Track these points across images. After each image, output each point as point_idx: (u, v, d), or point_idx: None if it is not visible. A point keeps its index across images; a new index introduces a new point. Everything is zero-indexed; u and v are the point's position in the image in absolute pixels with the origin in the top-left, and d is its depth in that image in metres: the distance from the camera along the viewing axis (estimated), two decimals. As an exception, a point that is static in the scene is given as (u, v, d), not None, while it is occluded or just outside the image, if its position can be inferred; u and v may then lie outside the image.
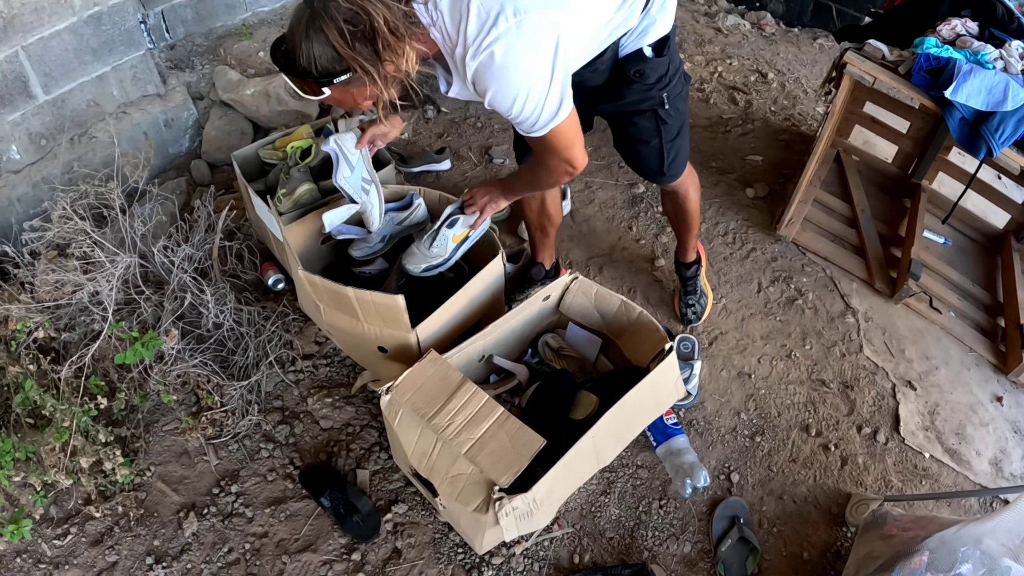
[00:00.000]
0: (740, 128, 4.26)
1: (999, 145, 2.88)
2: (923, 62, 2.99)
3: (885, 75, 3.07)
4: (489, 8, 1.78)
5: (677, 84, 2.33)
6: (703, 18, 5.71)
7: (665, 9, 2.18)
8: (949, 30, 3.18)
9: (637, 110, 2.35)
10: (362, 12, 1.72)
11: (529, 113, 1.91)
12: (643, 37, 2.18)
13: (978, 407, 3.14)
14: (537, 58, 1.85)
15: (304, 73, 1.83)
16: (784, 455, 2.79)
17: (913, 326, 3.37)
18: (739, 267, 3.42)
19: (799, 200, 3.56)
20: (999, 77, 2.90)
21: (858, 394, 3.01)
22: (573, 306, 2.73)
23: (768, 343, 3.14)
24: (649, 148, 2.46)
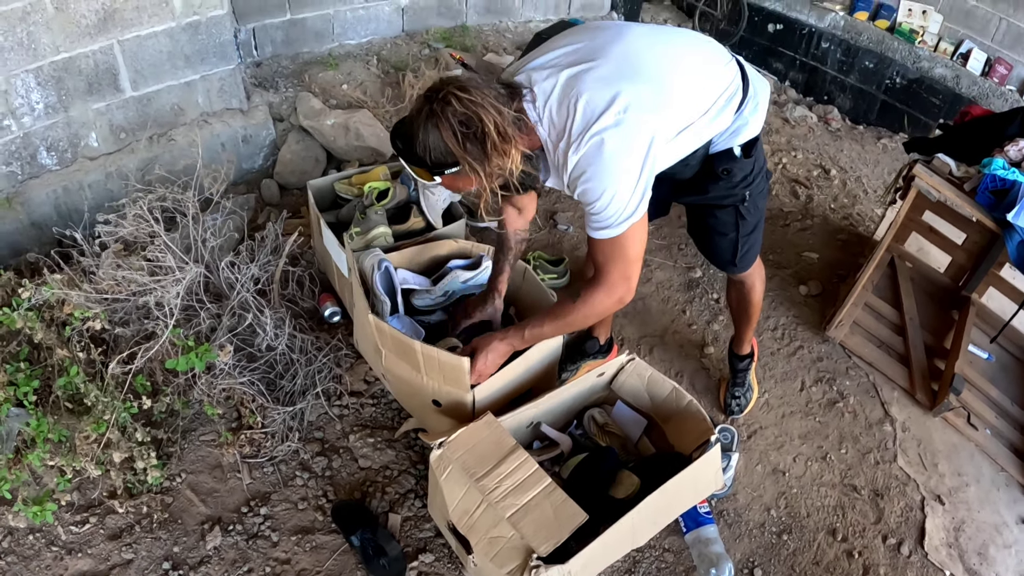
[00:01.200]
0: (799, 223, 4.34)
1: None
2: (989, 183, 3.07)
3: (951, 191, 3.15)
4: (595, 106, 1.97)
5: (760, 183, 2.43)
6: (772, 107, 5.80)
7: (757, 111, 2.28)
8: (1017, 151, 3.24)
9: (719, 204, 2.45)
10: (475, 116, 1.92)
11: (613, 207, 2.04)
12: (734, 137, 2.29)
13: (1003, 528, 3.17)
14: (632, 156, 2.00)
15: (419, 161, 2.02)
16: (808, 556, 2.83)
17: (949, 440, 3.42)
18: (785, 364, 3.49)
19: (851, 303, 3.63)
20: None
21: (887, 503, 3.06)
22: (625, 386, 2.82)
23: (805, 443, 3.19)
24: (725, 240, 2.56)
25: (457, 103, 1.91)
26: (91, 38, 3.09)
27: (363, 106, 4.18)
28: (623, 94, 1.97)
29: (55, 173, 3.30)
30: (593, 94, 1.98)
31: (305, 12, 4.32)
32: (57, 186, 3.30)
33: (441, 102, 1.92)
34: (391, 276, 2.87)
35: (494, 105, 1.93)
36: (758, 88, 2.29)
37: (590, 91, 1.98)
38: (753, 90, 2.27)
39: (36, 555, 2.41)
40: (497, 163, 1.99)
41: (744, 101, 2.23)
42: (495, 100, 1.95)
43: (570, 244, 3.86)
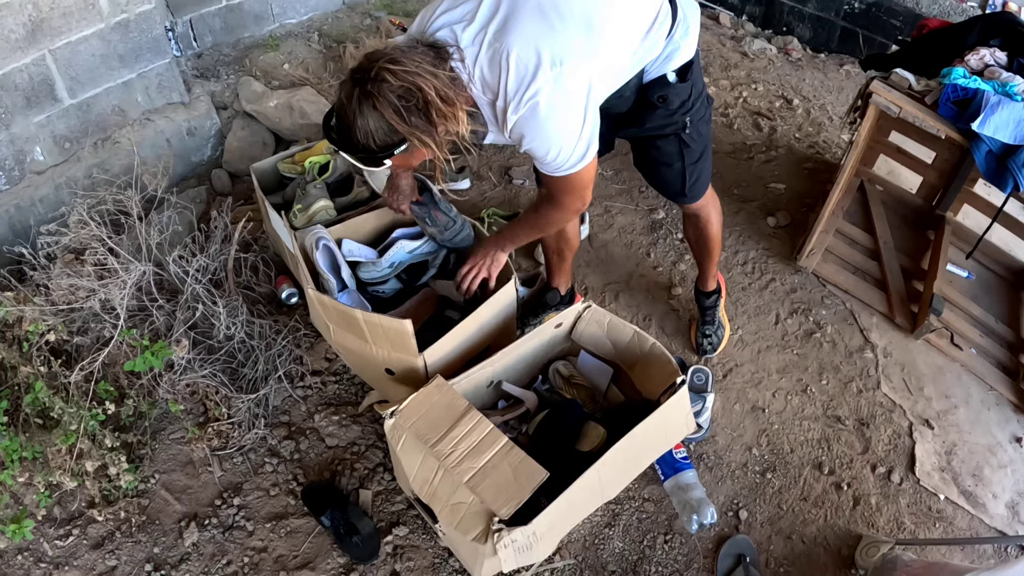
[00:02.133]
0: (764, 155, 4.21)
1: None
2: (950, 93, 2.92)
3: (911, 105, 3.02)
4: (527, 61, 1.86)
5: (700, 108, 2.32)
6: (729, 42, 5.68)
7: (688, 35, 2.17)
8: (977, 60, 3.11)
9: (660, 134, 2.35)
10: (414, 87, 1.81)
11: (561, 158, 2.00)
12: (667, 63, 2.18)
13: (997, 448, 3.07)
14: (572, 108, 1.94)
15: (363, 148, 1.92)
16: (795, 493, 2.73)
17: (933, 363, 3.31)
18: (757, 298, 3.36)
19: (821, 231, 3.51)
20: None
21: (874, 432, 2.95)
22: (585, 335, 2.70)
23: (784, 377, 3.08)
24: (671, 170, 2.45)
25: (392, 77, 1.79)
26: (22, 51, 2.98)
27: (306, 83, 4.07)
28: (554, 47, 1.87)
29: (5, 192, 3.21)
30: (522, 49, 1.86)
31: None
32: (9, 205, 3.20)
33: (375, 81, 1.80)
34: (333, 252, 2.76)
35: (429, 70, 1.82)
36: (687, 11, 2.18)
37: (519, 46, 1.86)
38: (683, 13, 2.15)
39: (27, 574, 2.41)
40: (445, 128, 1.90)
41: (674, 25, 2.13)
42: (428, 64, 1.84)
43: (527, 198, 3.72)
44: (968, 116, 2.84)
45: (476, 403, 2.49)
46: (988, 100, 2.84)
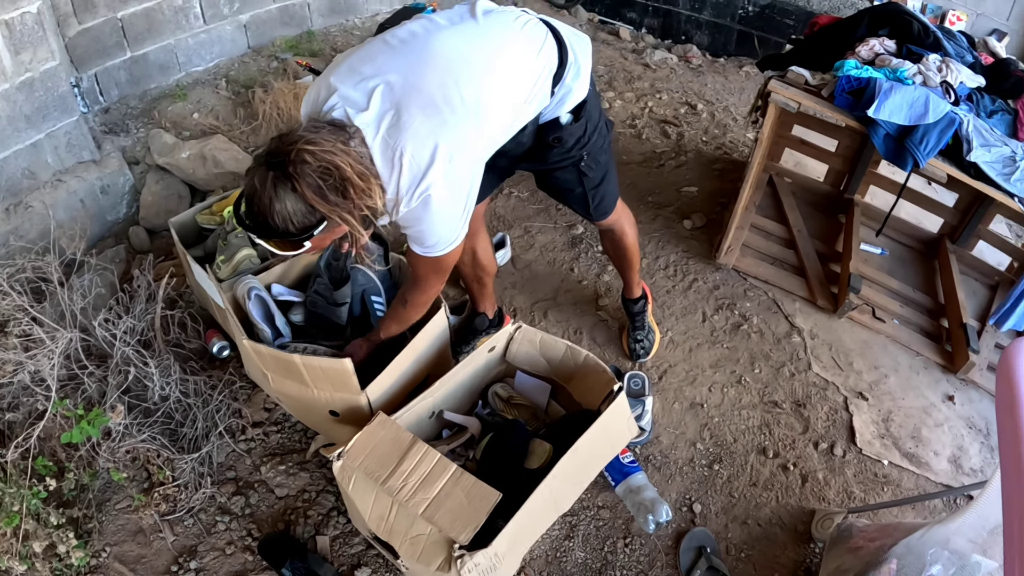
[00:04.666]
0: (674, 161, 4.33)
1: (924, 157, 2.95)
2: (844, 84, 3.07)
3: (809, 100, 3.14)
4: (420, 160, 1.91)
5: (597, 139, 2.37)
6: (631, 55, 5.83)
7: (580, 75, 2.22)
8: (868, 50, 3.27)
9: (558, 167, 2.41)
10: (331, 165, 1.81)
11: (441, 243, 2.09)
12: (560, 107, 2.23)
13: (931, 409, 3.19)
14: (459, 198, 2.01)
15: (281, 233, 1.90)
16: (744, 480, 2.81)
17: (859, 338, 3.43)
18: (682, 299, 3.46)
19: (736, 227, 3.62)
20: (919, 91, 2.99)
21: (811, 411, 3.05)
22: (519, 355, 2.75)
23: (718, 371, 3.18)
24: (573, 195, 2.53)
25: (311, 158, 1.78)
26: (-74, 121, 2.89)
27: (217, 131, 4.06)
28: (447, 141, 1.92)
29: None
30: (416, 148, 1.90)
31: (145, 47, 4.14)
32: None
33: (295, 163, 1.78)
34: (266, 301, 2.78)
35: (342, 148, 1.83)
36: (578, 52, 2.22)
37: (412, 145, 1.90)
38: (573, 56, 2.19)
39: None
40: (363, 203, 1.90)
41: (564, 71, 2.18)
42: (340, 143, 1.85)
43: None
44: (863, 104, 2.98)
45: (420, 435, 2.51)
46: (881, 87, 2.99)
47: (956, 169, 3.01)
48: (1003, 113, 3.24)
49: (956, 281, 3.82)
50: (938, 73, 3.13)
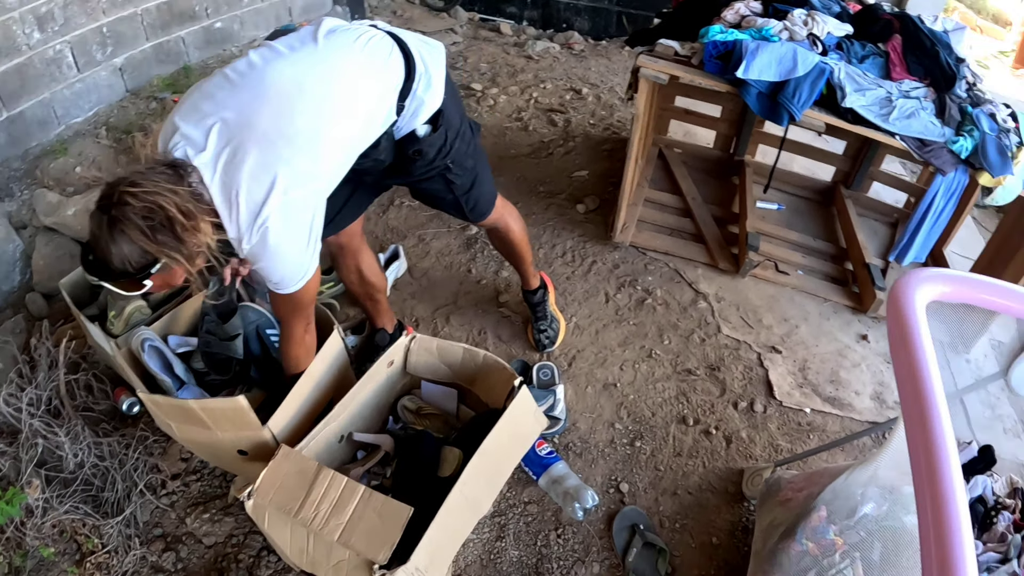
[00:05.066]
0: (562, 148, 4.31)
1: (799, 109, 2.96)
2: (712, 50, 3.08)
3: (679, 70, 3.14)
4: (256, 196, 1.88)
5: (460, 146, 2.33)
6: (513, 49, 5.83)
7: (432, 86, 2.18)
8: (733, 14, 3.30)
9: (427, 177, 2.38)
10: (155, 205, 1.79)
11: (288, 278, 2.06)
12: (414, 120, 2.19)
13: (846, 351, 3.21)
14: (298, 235, 1.99)
15: (122, 275, 1.89)
16: (668, 452, 2.79)
17: (765, 294, 3.44)
18: (583, 283, 3.43)
19: (628, 204, 3.62)
20: (786, 47, 3.01)
21: (726, 373, 3.05)
22: (420, 365, 2.71)
23: (627, 349, 3.15)
24: (446, 202, 2.50)
25: (133, 199, 1.77)
26: None
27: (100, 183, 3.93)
28: (280, 177, 1.89)
29: None
30: (252, 184, 1.88)
31: (21, 104, 3.98)
32: None
33: (118, 206, 1.78)
34: (162, 351, 2.72)
35: (168, 188, 1.81)
36: (428, 62, 2.18)
37: (248, 181, 1.88)
38: (422, 67, 2.15)
39: None
40: (192, 242, 1.87)
41: (412, 84, 2.14)
42: (166, 182, 1.82)
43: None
44: (732, 67, 2.99)
45: (334, 460, 2.48)
46: (747, 48, 3.00)
47: (833, 117, 3.03)
48: (875, 57, 3.28)
49: (855, 224, 3.86)
50: (804, 27, 3.17)
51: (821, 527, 2.12)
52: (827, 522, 2.12)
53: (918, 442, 1.25)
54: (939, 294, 1.49)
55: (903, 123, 3.03)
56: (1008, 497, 2.24)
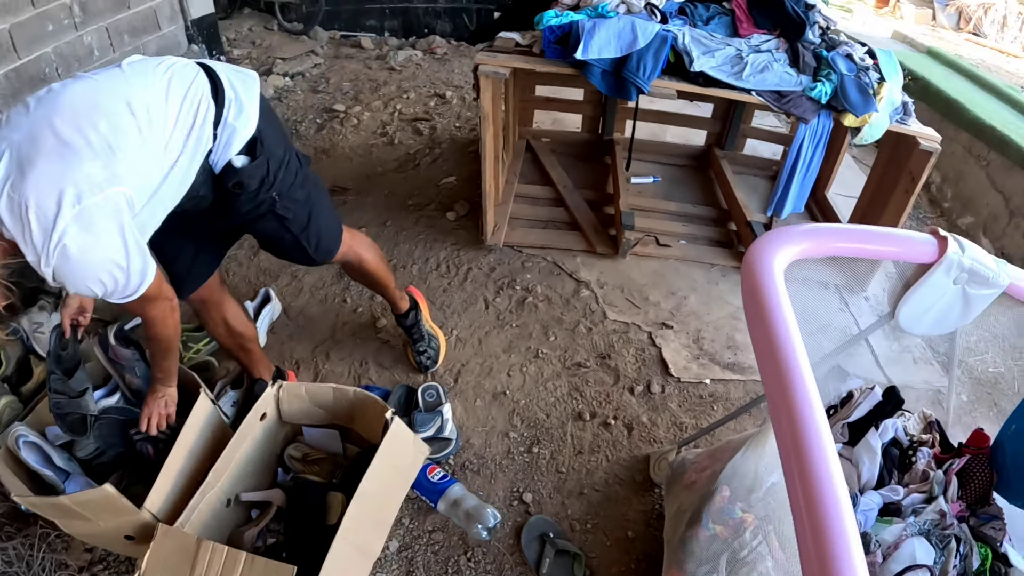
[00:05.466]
0: (429, 156, 4.21)
1: (646, 82, 2.90)
2: (548, 35, 3.00)
3: (519, 61, 3.05)
4: (46, 210, 1.71)
5: (286, 176, 2.20)
6: (375, 62, 5.72)
7: (244, 112, 2.06)
8: (569, -6, 3.23)
9: (255, 216, 2.25)
10: None
11: (119, 290, 1.87)
12: (228, 150, 2.06)
13: (740, 313, 3.16)
14: (107, 241, 1.80)
15: None
16: (568, 452, 2.70)
17: (649, 270, 3.38)
18: (461, 292, 3.31)
19: (495, 206, 3.52)
20: (624, 21, 2.95)
21: (618, 359, 2.97)
22: (295, 412, 2.58)
23: (512, 353, 3.05)
24: (285, 243, 2.35)
25: None
26: None
27: None
28: (69, 185, 1.73)
29: None
30: (40, 197, 1.71)
31: None
32: None
33: None
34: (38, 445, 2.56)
35: None
36: (239, 89, 2.05)
37: (35, 195, 1.71)
38: (232, 94, 2.02)
39: None
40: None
41: (223, 112, 2.03)
42: None
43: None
44: (572, 49, 2.91)
45: (226, 526, 2.35)
46: (583, 27, 2.92)
47: (684, 83, 2.98)
48: (720, 16, 3.25)
49: (733, 184, 3.83)
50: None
51: (726, 507, 2.03)
52: (731, 501, 2.03)
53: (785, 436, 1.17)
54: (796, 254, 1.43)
55: (757, 78, 3.00)
56: (924, 432, 2.20)
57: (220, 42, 5.58)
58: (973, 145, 4.51)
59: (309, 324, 3.21)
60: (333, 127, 4.64)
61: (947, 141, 4.69)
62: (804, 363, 1.21)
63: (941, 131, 4.70)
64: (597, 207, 3.72)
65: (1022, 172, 4.06)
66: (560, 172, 3.90)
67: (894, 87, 3.09)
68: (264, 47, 6.06)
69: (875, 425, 2.13)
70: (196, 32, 5.25)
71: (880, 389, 2.21)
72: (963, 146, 4.60)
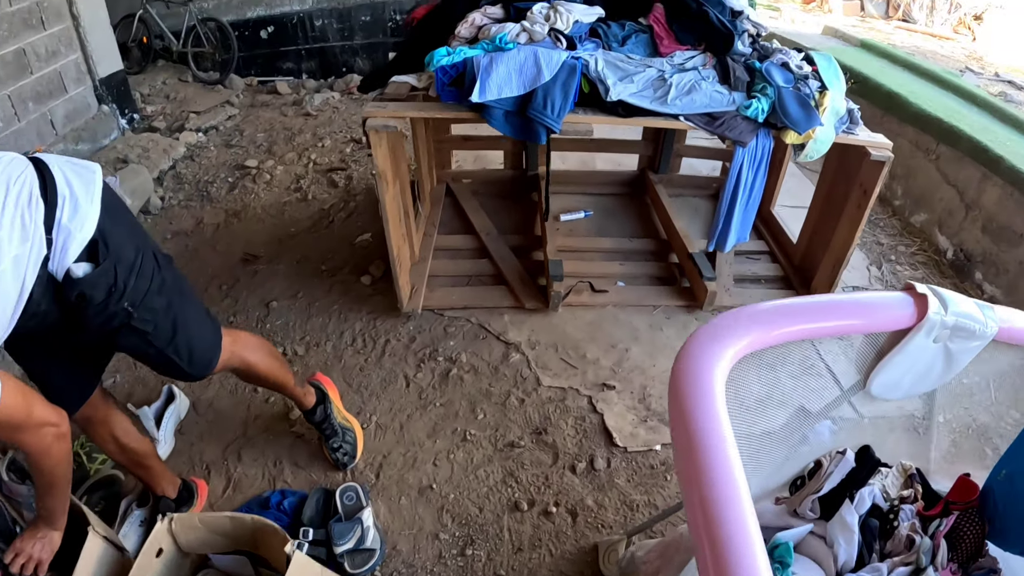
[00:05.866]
0: (343, 211, 3.90)
1: (557, 120, 2.59)
2: (442, 76, 2.66)
3: (412, 110, 2.72)
4: None
5: (139, 283, 1.88)
6: (291, 109, 5.44)
7: (78, 212, 1.75)
8: (468, 28, 2.91)
9: (111, 329, 1.92)
10: None
11: None
12: (65, 255, 1.76)
13: (690, 362, 2.88)
14: None
15: None
16: (506, 551, 2.38)
17: (585, 322, 3.09)
18: (379, 370, 2.97)
19: (412, 265, 3.23)
20: (524, 52, 2.63)
21: (555, 433, 2.67)
22: (194, 542, 2.26)
23: (438, 438, 2.71)
24: (151, 357, 2.01)
25: None
26: None
27: None
28: None
29: None
30: None
31: None
32: None
33: None
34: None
35: None
36: (75, 184, 1.76)
37: None
38: (66, 190, 1.73)
39: None
40: None
41: (55, 212, 1.72)
42: None
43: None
44: (468, 90, 2.60)
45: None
46: (479, 65, 2.61)
47: (602, 115, 2.69)
48: (637, 34, 2.93)
49: (671, 211, 3.56)
50: (546, 22, 2.80)
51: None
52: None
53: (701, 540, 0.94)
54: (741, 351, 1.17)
55: (684, 100, 2.70)
56: (904, 487, 1.93)
57: (132, 100, 5.28)
58: (920, 139, 4.27)
59: (219, 420, 2.86)
60: (245, 185, 4.31)
61: (892, 136, 4.43)
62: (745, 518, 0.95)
63: (885, 127, 4.50)
64: (525, 253, 3.42)
65: (974, 163, 3.82)
66: (483, 218, 3.60)
67: (837, 95, 2.81)
68: (178, 101, 5.74)
69: (849, 496, 1.87)
70: (106, 92, 4.98)
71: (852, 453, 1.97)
72: (910, 141, 4.36)
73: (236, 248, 3.67)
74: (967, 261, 3.84)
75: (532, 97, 2.61)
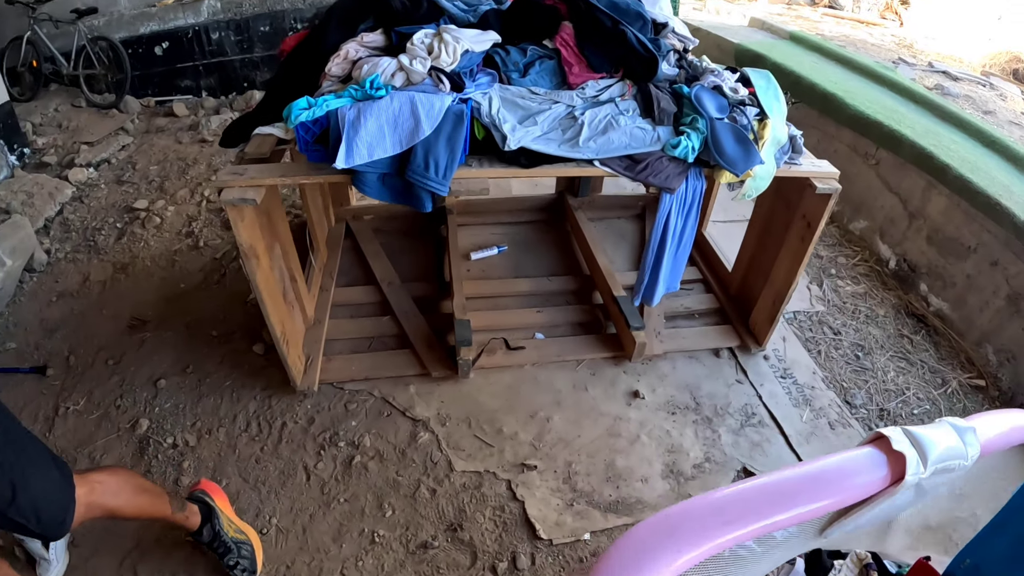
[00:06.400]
0: (235, 261, 3.52)
1: (443, 183, 2.20)
2: (303, 134, 2.25)
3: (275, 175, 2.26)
4: None
5: None
6: (187, 135, 5.05)
7: None
8: (341, 62, 2.46)
9: None
10: None
11: None
12: None
13: (618, 426, 2.63)
14: None
15: None
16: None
17: (501, 387, 2.79)
18: (276, 460, 2.59)
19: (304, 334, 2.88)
20: (399, 101, 2.21)
21: (472, 528, 2.36)
22: None
23: (344, 542, 2.36)
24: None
25: None
26: None
27: None
28: None
29: None
30: None
31: None
32: None
33: None
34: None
35: None
36: None
37: None
38: None
39: None
40: None
41: None
42: None
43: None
44: (334, 150, 2.17)
45: None
46: (344, 120, 2.18)
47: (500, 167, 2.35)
48: (542, 61, 2.55)
49: (592, 242, 3.27)
50: (428, 57, 2.37)
51: None
52: None
53: None
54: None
55: (599, 142, 2.34)
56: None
57: (21, 132, 4.87)
58: (858, 143, 4.02)
59: (113, 527, 2.43)
60: (134, 231, 3.91)
61: (829, 139, 4.21)
62: None
63: (821, 128, 4.24)
64: (432, 306, 3.10)
65: (918, 171, 3.58)
66: (384, 263, 3.26)
67: (778, 122, 2.48)
68: (71, 130, 5.31)
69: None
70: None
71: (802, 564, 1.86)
72: (847, 144, 4.11)
73: (124, 310, 3.27)
74: (911, 272, 3.61)
75: (411, 156, 2.20)
